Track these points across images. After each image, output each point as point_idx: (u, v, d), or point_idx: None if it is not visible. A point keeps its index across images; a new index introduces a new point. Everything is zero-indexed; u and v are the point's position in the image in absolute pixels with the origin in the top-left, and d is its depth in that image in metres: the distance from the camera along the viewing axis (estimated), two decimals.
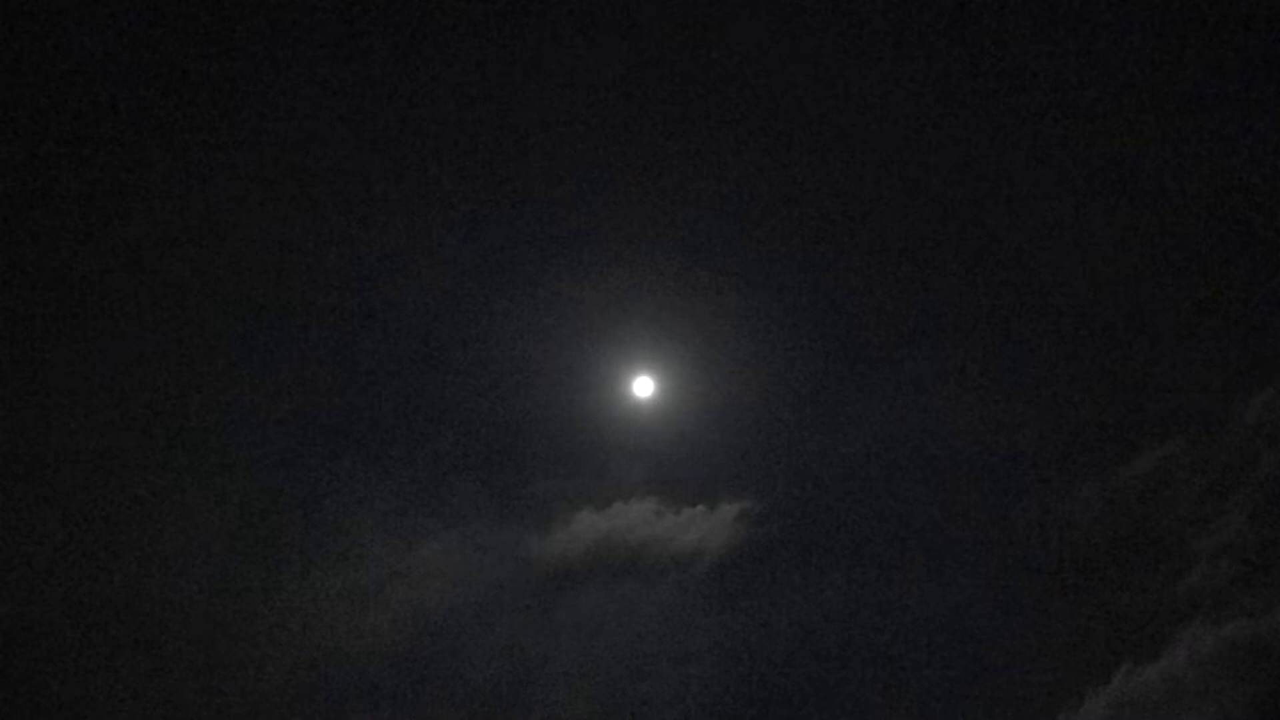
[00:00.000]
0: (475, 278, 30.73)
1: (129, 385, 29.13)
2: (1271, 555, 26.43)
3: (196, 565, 28.09)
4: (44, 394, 28.71)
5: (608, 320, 30.76)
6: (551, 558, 29.32)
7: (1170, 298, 29.46)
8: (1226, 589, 26.35)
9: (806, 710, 27.04)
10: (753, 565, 29.23)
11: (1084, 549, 27.93)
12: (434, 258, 31.00)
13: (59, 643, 26.68)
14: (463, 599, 28.84)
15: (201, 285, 30.19)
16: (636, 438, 30.27)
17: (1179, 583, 26.95)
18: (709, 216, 31.05)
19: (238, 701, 26.76)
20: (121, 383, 29.08)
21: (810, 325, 30.97)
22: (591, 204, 31.08)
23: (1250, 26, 29.19)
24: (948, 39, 30.94)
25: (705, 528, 29.46)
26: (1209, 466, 27.92)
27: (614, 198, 31.08)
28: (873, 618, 28.26)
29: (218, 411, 29.69)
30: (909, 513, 29.32)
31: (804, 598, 28.62)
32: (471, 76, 31.06)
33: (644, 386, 30.44)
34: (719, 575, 29.23)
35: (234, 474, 29.24)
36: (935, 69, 30.93)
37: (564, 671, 27.99)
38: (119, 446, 28.72)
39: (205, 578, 28.12)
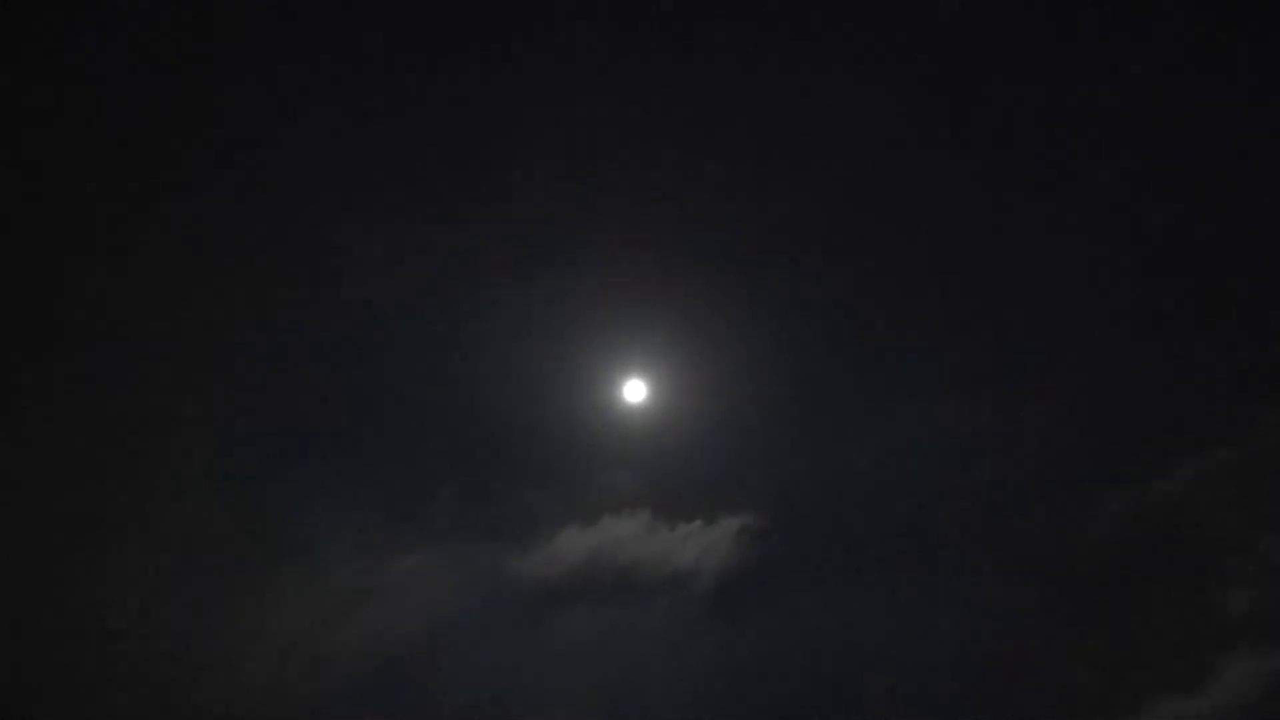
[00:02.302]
0: (454, 275, 30.15)
1: (85, 394, 28.70)
2: None
3: (152, 583, 27.78)
4: (4, 408, 28.41)
5: (596, 318, 30.27)
6: (534, 577, 28.87)
7: (1206, 299, 28.69)
8: (1273, 614, 25.91)
9: None
10: (754, 585, 28.82)
11: (1112, 568, 27.37)
12: (410, 253, 30.37)
13: (12, 662, 26.55)
14: (438, 621, 28.45)
15: (160, 287, 29.75)
16: (627, 446, 29.77)
17: (1219, 607, 26.54)
18: (705, 210, 30.58)
19: None
20: (77, 391, 28.73)
21: (816, 323, 30.49)
22: (576, 195, 30.57)
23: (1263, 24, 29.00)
24: (956, 33, 30.50)
25: (702, 544, 29.02)
26: (1251, 479, 27.26)
27: (603, 187, 30.52)
28: (883, 640, 27.71)
29: (174, 418, 29.06)
30: (922, 528, 28.72)
31: (809, 620, 28.08)
32: (458, 75, 30.63)
33: (635, 390, 29.96)
34: (717, 596, 28.79)
35: (192, 485, 28.73)
36: (943, 61, 30.52)
37: (548, 701, 27.66)
38: (74, 459, 28.33)
39: (161, 596, 27.76)
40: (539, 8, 30.17)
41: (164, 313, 29.42)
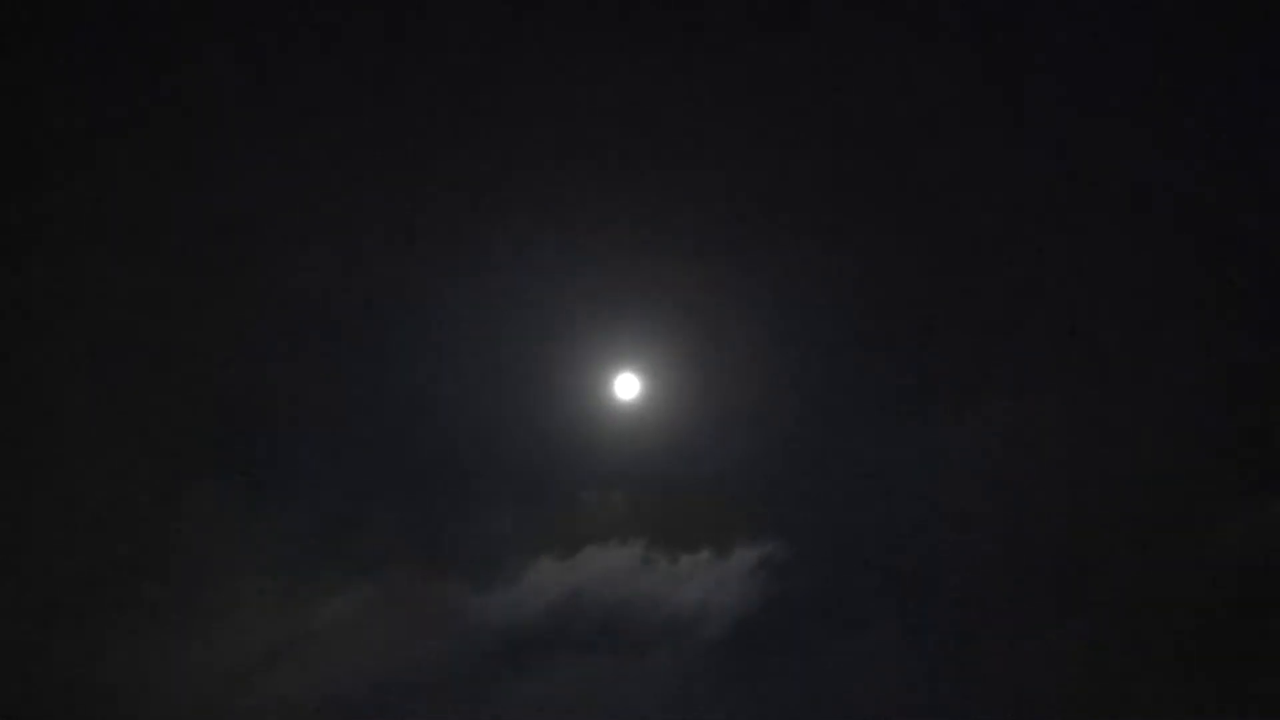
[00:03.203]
0: (403, 261, 29.03)
1: None
2: None
3: (18, 633, 25.81)
4: None
5: (578, 299, 29.02)
6: (499, 622, 27.54)
7: None
8: None
9: None
10: (777, 632, 27.52)
11: (1221, 603, 26.11)
12: (348, 227, 29.03)
13: None
14: (380, 678, 26.83)
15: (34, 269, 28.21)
16: (617, 456, 28.53)
17: None
18: (708, 190, 29.74)
19: None
20: None
21: (835, 311, 29.09)
22: (556, 176, 29.61)
23: None
24: (958, 32, 30.41)
25: (711, 580, 27.91)
26: None
27: (593, 167, 29.65)
28: (939, 696, 26.16)
29: (50, 425, 27.41)
30: (982, 558, 27.23)
31: (846, 674, 26.65)
32: (446, 65, 30.07)
33: (628, 386, 28.84)
34: (730, 645, 27.48)
35: (72, 507, 26.96)
36: (947, 59, 30.19)
37: None
38: None
39: (28, 650, 25.73)
40: (537, 8, 30.41)
41: (64, 314, 28.32)
